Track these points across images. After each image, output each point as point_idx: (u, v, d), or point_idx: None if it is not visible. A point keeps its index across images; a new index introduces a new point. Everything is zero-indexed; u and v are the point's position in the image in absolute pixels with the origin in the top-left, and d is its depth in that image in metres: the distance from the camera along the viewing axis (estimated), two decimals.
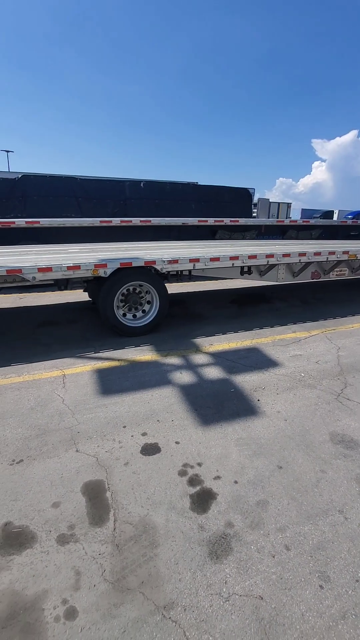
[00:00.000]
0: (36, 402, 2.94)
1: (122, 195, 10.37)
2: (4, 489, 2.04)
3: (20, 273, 3.78)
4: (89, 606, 1.49)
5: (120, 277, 4.30)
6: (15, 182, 10.07)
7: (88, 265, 4.07)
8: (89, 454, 2.35)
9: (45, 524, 1.83)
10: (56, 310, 5.68)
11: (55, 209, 9.40)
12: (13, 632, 1.38)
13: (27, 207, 9.66)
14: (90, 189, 10.23)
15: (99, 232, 7.32)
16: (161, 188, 11.06)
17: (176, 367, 3.65)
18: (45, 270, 3.90)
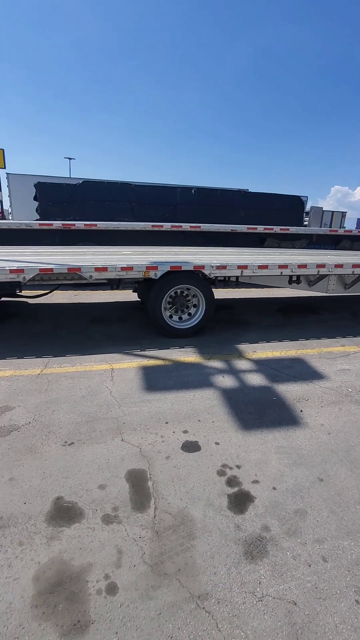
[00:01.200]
0: (87, 391, 3.16)
1: (173, 201, 10.66)
2: (57, 467, 2.23)
3: (79, 271, 4.08)
4: (128, 584, 1.59)
5: (170, 279, 4.45)
6: (76, 188, 10.79)
7: (140, 267, 4.28)
8: (133, 444, 2.49)
9: (92, 503, 1.99)
10: (106, 308, 6.00)
11: (110, 213, 9.92)
12: (59, 599, 1.52)
13: (86, 210, 10.30)
14: (144, 195, 10.65)
15: (150, 236, 7.60)
16: (211, 195, 11.19)
17: (219, 371, 3.70)
18: (101, 270, 4.16)
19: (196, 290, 4.64)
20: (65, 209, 10.30)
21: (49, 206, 10.33)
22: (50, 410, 2.83)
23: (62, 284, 4.88)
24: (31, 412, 2.80)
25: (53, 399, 3.00)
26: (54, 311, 5.69)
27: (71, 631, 1.40)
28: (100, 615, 1.47)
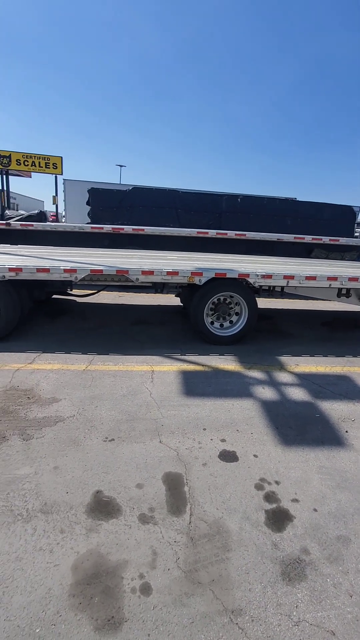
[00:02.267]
0: (128, 390, 3.24)
1: (219, 209, 10.67)
2: (97, 461, 2.30)
3: (126, 274, 4.21)
4: (162, 587, 1.59)
5: (214, 286, 4.45)
6: (125, 194, 11.19)
7: (185, 272, 4.32)
8: (170, 447, 2.50)
9: (130, 501, 2.02)
10: (149, 310, 6.12)
11: (156, 219, 10.15)
12: (95, 591, 1.56)
13: (133, 215, 10.63)
14: (190, 202, 10.78)
15: (195, 242, 7.66)
16: (257, 203, 11.05)
17: (259, 382, 3.62)
18: (148, 274, 4.26)
19: (239, 298, 4.60)
20: (115, 213, 10.70)
21: (99, 211, 10.80)
22: (93, 406, 2.93)
23: (109, 285, 5.07)
24: (76, 405, 2.92)
25: (96, 395, 3.10)
26: (100, 310, 5.91)
27: (105, 626, 1.43)
28: (134, 614, 1.48)
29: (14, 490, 2.01)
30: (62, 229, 7.41)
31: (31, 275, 4.01)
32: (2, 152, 20.71)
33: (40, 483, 2.08)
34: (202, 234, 7.83)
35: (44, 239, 7.00)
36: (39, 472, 2.16)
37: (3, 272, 3.90)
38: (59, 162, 21.76)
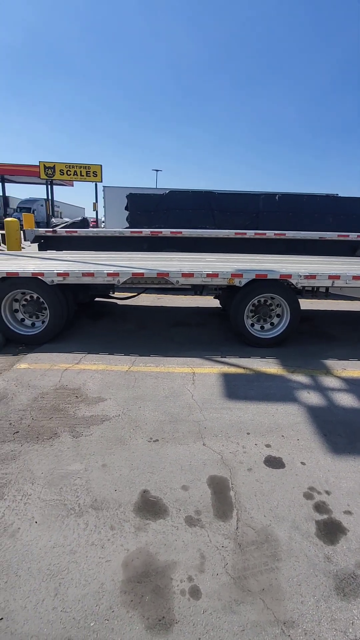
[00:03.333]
0: (170, 392, 3.27)
1: (255, 208, 10.48)
2: (143, 461, 2.34)
3: (167, 276, 4.26)
4: (211, 592, 1.58)
5: (254, 288, 4.37)
6: (162, 197, 11.35)
7: (225, 274, 4.29)
8: (214, 450, 2.49)
9: (176, 502, 2.03)
10: (188, 312, 6.14)
11: (192, 221, 10.19)
12: (145, 590, 1.58)
13: (170, 218, 10.76)
14: (226, 202, 10.71)
15: (233, 243, 7.58)
16: (297, 201, 10.72)
17: (303, 386, 3.49)
18: (188, 276, 4.29)
19: (281, 299, 4.47)
20: (152, 217, 10.90)
21: (137, 215, 11.06)
22: (137, 406, 2.99)
23: (149, 288, 5.16)
24: (120, 405, 3.00)
25: (139, 396, 3.16)
26: (139, 313, 6.03)
27: (156, 626, 1.44)
28: (184, 617, 1.48)
29: (66, 485, 2.10)
30: (103, 234, 7.66)
31: (77, 280, 4.19)
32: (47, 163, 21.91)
33: (90, 479, 2.16)
34: (240, 234, 7.73)
35: (86, 244, 7.29)
36: (89, 469, 2.24)
37: (52, 277, 4.11)
38: (98, 170, 22.60)
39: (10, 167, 26.31)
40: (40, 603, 1.49)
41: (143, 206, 11.17)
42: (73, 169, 22.32)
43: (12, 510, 1.91)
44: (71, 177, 22.77)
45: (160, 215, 10.90)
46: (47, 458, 2.32)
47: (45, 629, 1.41)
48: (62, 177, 22.70)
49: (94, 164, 22.52)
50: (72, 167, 22.28)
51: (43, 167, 21.93)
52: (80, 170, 22.41)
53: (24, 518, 1.86)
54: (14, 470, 2.20)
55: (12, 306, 4.32)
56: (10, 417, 2.76)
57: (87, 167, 22.48)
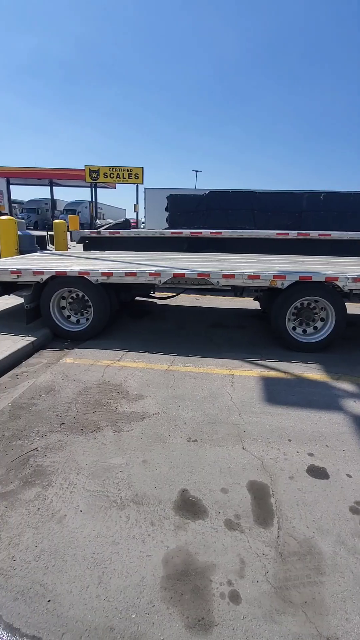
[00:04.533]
0: (208, 392, 3.26)
1: (298, 208, 10.15)
2: (182, 460, 2.36)
3: (208, 277, 4.26)
4: (251, 599, 1.55)
5: (297, 290, 4.23)
6: (202, 198, 11.35)
7: (267, 275, 4.19)
8: (254, 455, 2.44)
9: (215, 504, 2.02)
10: (226, 313, 6.09)
11: (232, 221, 10.08)
12: (185, 589, 1.58)
13: (209, 219, 10.73)
14: (267, 202, 10.48)
15: (275, 244, 7.39)
16: (343, 199, 10.24)
17: (349, 394, 3.32)
18: (229, 277, 4.25)
19: (325, 303, 4.29)
20: (192, 217, 10.93)
21: (177, 216, 11.16)
22: (176, 405, 3.02)
23: (188, 288, 5.17)
24: (160, 403, 3.04)
25: (178, 395, 3.19)
26: (178, 313, 6.08)
27: (196, 625, 1.45)
28: (224, 620, 1.47)
29: (109, 478, 2.17)
30: (144, 234, 7.82)
31: (120, 279, 4.31)
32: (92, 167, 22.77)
33: (131, 474, 2.21)
34: (282, 235, 7.52)
35: (128, 245, 7.48)
36: (130, 464, 2.30)
37: (97, 276, 4.27)
38: (140, 172, 23.11)
39: (58, 172, 27.68)
40: (85, 590, 1.55)
41: (183, 207, 11.24)
42: (116, 171, 23.01)
43: (60, 498, 2.00)
44: (114, 180, 23.50)
45: (200, 216, 10.91)
46: (91, 450, 2.41)
47: (89, 615, 1.46)
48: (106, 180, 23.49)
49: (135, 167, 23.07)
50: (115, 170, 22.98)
51: (88, 170, 22.84)
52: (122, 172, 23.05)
53: (70, 506, 1.95)
54: (61, 459, 2.31)
55: (59, 303, 4.54)
56: (57, 408, 2.90)
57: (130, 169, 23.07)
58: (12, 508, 1.93)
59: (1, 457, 2.31)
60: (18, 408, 2.89)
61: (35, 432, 2.58)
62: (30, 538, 1.76)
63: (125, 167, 23.02)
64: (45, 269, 4.35)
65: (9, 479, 2.13)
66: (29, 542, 1.74)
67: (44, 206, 31.31)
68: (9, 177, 27.12)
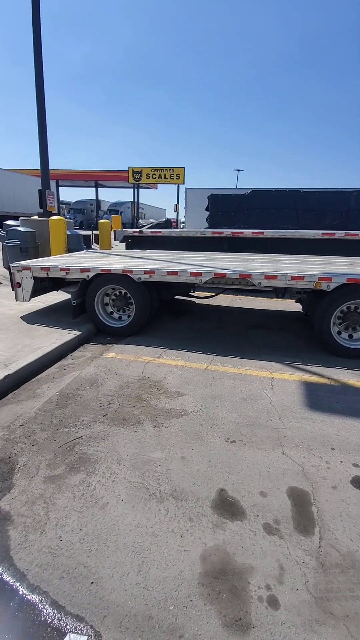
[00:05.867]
0: (247, 394, 3.22)
1: (345, 207, 9.67)
2: (220, 459, 2.35)
3: (249, 278, 4.20)
4: (290, 606, 1.52)
5: (344, 293, 4.05)
6: (243, 197, 11.19)
7: (312, 277, 4.05)
8: (295, 461, 2.38)
9: (254, 507, 2.00)
10: (266, 315, 5.97)
11: (274, 221, 9.83)
12: (223, 588, 1.58)
13: (250, 218, 10.55)
14: (312, 201, 10.09)
15: (320, 245, 7.12)
16: None
17: None
18: (271, 278, 4.16)
19: None
20: (232, 217, 10.82)
21: (218, 215, 11.10)
22: (214, 405, 3.02)
23: (228, 288, 5.14)
24: (198, 402, 3.05)
25: (216, 395, 3.18)
26: (217, 313, 6.05)
27: (233, 625, 1.44)
28: (262, 623, 1.45)
29: (148, 471, 2.22)
30: (185, 234, 7.87)
31: (162, 278, 4.38)
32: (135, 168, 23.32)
33: (170, 469, 2.24)
34: (328, 235, 7.22)
35: (169, 244, 7.57)
36: (169, 459, 2.33)
37: (139, 275, 4.37)
38: (181, 173, 23.29)
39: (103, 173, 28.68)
40: (126, 576, 1.60)
41: (224, 206, 11.15)
42: (158, 172, 23.39)
43: (102, 485, 2.09)
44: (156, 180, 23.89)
45: (241, 216, 10.76)
46: (132, 443, 2.48)
47: (129, 601, 1.51)
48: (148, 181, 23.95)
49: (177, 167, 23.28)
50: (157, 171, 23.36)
51: (132, 172, 23.43)
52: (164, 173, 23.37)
53: (112, 494, 2.03)
54: (104, 449, 2.40)
55: (103, 300, 4.71)
56: (100, 400, 3.02)
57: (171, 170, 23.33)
58: (59, 491, 2.04)
59: (50, 443, 2.45)
60: (65, 397, 3.05)
61: (80, 421, 2.71)
62: (75, 521, 1.85)
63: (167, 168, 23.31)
64: (92, 267, 4.54)
65: (57, 463, 2.26)
66: (74, 525, 1.83)
67: (89, 207, 32.60)
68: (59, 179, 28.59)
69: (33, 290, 4.85)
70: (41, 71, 7.38)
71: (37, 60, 7.30)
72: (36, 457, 2.31)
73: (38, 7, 7.10)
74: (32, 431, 2.58)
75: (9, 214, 20.15)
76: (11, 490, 2.05)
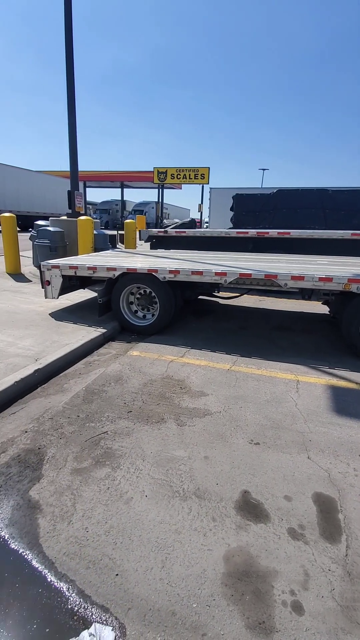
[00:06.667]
0: (271, 396, 3.18)
1: None
2: (244, 461, 2.34)
3: (275, 278, 4.14)
4: (315, 613, 1.49)
5: None
6: (269, 197, 11.03)
7: (341, 278, 3.94)
8: (320, 466, 2.32)
9: (278, 511, 1.97)
10: (291, 317, 5.86)
11: (300, 221, 9.63)
12: (246, 589, 1.57)
13: (276, 218, 10.38)
14: (341, 200, 9.81)
15: (349, 246, 6.90)
16: None
17: None
18: (298, 279, 4.08)
19: None
20: (257, 217, 10.68)
21: (242, 215, 10.99)
22: (238, 406, 3.00)
23: (253, 289, 5.08)
24: (222, 402, 3.04)
25: (240, 396, 3.16)
26: (241, 313, 6.00)
27: (256, 628, 1.43)
28: (285, 628, 1.43)
29: (172, 468, 2.24)
30: (210, 234, 7.85)
31: (186, 277, 4.39)
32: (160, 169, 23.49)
33: (193, 468, 2.25)
34: (358, 235, 6.97)
35: (193, 244, 7.58)
36: (192, 458, 2.34)
37: (164, 274, 4.41)
38: (206, 173, 23.24)
39: (129, 174, 29.09)
40: (149, 571, 1.63)
41: (249, 206, 11.03)
42: (183, 172, 23.45)
43: (127, 480, 2.13)
44: (180, 181, 23.96)
45: (266, 216, 10.61)
46: (155, 440, 2.51)
47: (153, 596, 1.53)
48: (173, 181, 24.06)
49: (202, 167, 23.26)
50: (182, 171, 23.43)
51: (157, 172, 23.61)
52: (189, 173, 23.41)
53: (136, 489, 2.06)
54: (128, 445, 2.45)
55: (128, 299, 4.78)
56: (125, 397, 3.07)
57: (196, 170, 23.33)
58: (86, 484, 2.10)
59: (77, 436, 2.52)
60: (91, 393, 3.12)
61: (106, 416, 2.77)
62: (101, 513, 1.90)
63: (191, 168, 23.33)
64: (118, 266, 4.62)
65: (83, 456, 2.32)
66: (99, 517, 1.88)
67: (114, 207, 33.16)
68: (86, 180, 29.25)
69: (61, 288, 5.00)
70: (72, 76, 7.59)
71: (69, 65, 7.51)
72: (64, 450, 2.38)
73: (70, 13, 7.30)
74: (60, 424, 2.66)
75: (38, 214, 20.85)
76: (40, 480, 2.12)
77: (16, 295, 5.96)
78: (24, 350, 3.68)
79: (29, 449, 2.38)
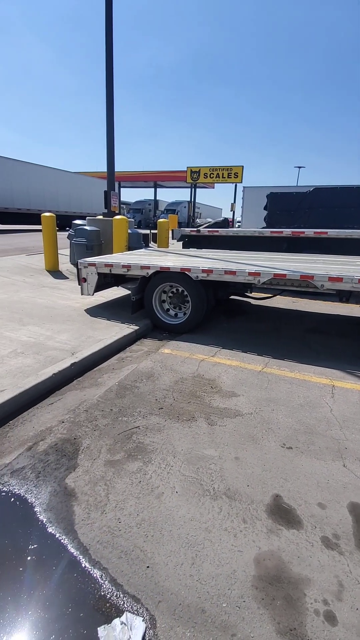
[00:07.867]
0: (305, 400, 3.09)
1: None
2: (276, 465, 2.30)
3: (311, 279, 4.02)
4: (349, 624, 1.44)
5: None
6: (305, 195, 10.71)
7: None
8: (357, 475, 2.23)
9: (311, 518, 1.92)
10: (326, 319, 5.67)
11: (337, 220, 9.27)
12: (277, 594, 1.55)
13: (311, 218, 10.06)
14: None
15: None
16: None
17: None
18: (335, 280, 3.93)
19: None
20: (292, 216, 10.41)
21: (277, 215, 10.75)
22: (270, 409, 2.95)
23: (287, 290, 4.96)
24: (253, 404, 3.01)
25: (272, 398, 3.10)
26: (274, 314, 5.88)
27: (287, 634, 1.41)
28: (317, 637, 1.39)
29: (202, 467, 2.24)
30: (243, 233, 7.75)
31: (219, 277, 4.37)
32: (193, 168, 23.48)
33: (224, 468, 2.25)
34: None
35: (225, 243, 7.52)
36: (223, 458, 2.34)
37: (197, 273, 4.41)
38: (240, 172, 22.94)
39: (162, 174, 29.36)
40: (180, 566, 1.64)
41: (283, 205, 10.78)
42: (216, 171, 23.30)
43: (158, 475, 2.16)
44: (214, 180, 23.82)
45: (301, 215, 10.32)
46: (186, 437, 2.52)
47: (183, 591, 1.55)
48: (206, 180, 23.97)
49: (235, 166, 22.98)
50: (215, 170, 23.28)
51: (190, 172, 23.63)
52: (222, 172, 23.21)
53: (167, 485, 2.09)
54: (159, 440, 2.48)
55: (161, 297, 4.84)
56: (156, 394, 3.11)
57: (229, 168, 23.09)
58: (119, 475, 2.15)
59: (110, 429, 2.59)
60: (123, 388, 3.19)
61: (138, 412, 2.82)
62: (132, 506, 1.94)
63: (225, 167, 23.12)
64: (151, 264, 4.68)
65: (116, 449, 2.38)
66: (131, 509, 1.92)
67: (147, 207, 33.60)
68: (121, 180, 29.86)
69: (97, 285, 5.14)
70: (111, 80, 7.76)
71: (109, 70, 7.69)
72: (98, 441, 2.45)
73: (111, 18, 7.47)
74: (94, 417, 2.74)
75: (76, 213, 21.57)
76: (76, 469, 2.20)
77: (54, 292, 6.21)
78: (62, 344, 3.83)
79: (65, 439, 2.48)
